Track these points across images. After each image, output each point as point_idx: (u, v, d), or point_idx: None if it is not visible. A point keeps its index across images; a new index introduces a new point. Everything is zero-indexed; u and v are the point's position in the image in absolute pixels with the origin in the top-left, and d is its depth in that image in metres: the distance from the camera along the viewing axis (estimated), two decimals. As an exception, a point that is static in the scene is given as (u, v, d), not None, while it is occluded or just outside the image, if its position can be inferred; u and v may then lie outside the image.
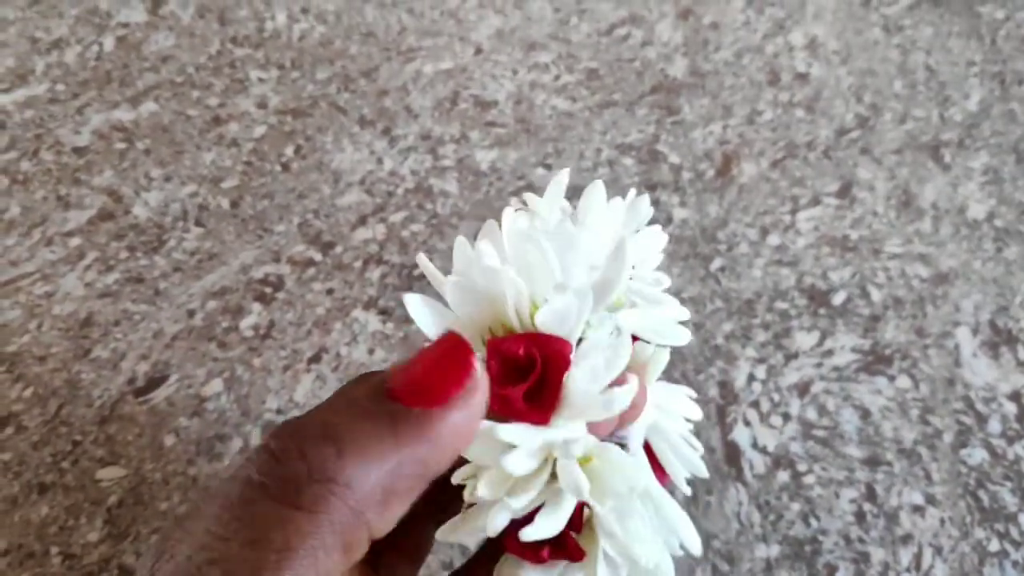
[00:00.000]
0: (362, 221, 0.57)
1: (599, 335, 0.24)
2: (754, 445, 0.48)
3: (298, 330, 0.52)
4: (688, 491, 0.27)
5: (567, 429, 0.22)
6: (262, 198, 0.58)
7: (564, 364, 0.22)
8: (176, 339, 0.52)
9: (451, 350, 0.21)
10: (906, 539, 0.46)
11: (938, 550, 0.45)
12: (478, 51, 0.66)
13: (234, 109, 0.62)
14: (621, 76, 0.65)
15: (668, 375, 0.50)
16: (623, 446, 0.25)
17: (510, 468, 0.21)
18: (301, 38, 0.67)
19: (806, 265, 0.55)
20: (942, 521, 0.46)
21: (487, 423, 0.22)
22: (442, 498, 0.25)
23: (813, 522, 0.46)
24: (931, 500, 0.47)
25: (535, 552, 0.24)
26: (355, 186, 0.58)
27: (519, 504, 0.22)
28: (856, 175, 0.60)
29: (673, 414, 0.27)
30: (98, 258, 0.55)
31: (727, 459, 0.48)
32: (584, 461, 0.23)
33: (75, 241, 0.56)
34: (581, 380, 0.22)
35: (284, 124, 0.62)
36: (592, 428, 0.23)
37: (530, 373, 0.22)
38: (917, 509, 0.47)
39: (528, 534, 0.22)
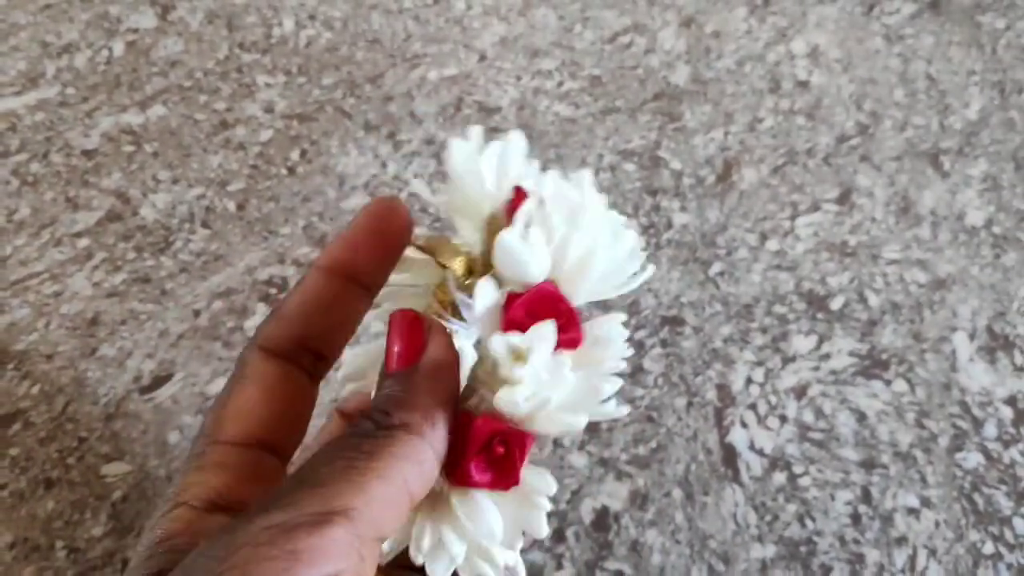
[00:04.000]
0: (366, 224, 0.57)
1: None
2: (751, 447, 0.49)
3: (302, 330, 0.53)
4: None
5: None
6: (268, 201, 0.59)
7: (525, 453, 0.26)
8: (182, 338, 0.53)
9: (406, 322, 0.27)
10: (901, 541, 0.46)
11: (932, 552, 0.46)
12: (482, 58, 0.67)
13: (241, 113, 0.63)
14: (624, 83, 0.66)
15: (666, 378, 0.51)
16: None
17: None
18: (308, 44, 0.68)
19: (805, 270, 0.56)
20: (937, 523, 0.47)
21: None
22: None
23: (809, 523, 0.47)
24: (926, 503, 0.47)
25: None
26: (359, 190, 0.59)
27: None
28: (856, 182, 0.60)
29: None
30: (106, 258, 0.56)
31: (724, 460, 0.48)
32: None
33: (83, 242, 0.56)
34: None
35: (290, 128, 0.63)
36: None
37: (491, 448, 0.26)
38: (912, 511, 0.47)
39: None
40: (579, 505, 0.47)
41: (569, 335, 0.27)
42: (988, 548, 0.46)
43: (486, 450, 0.26)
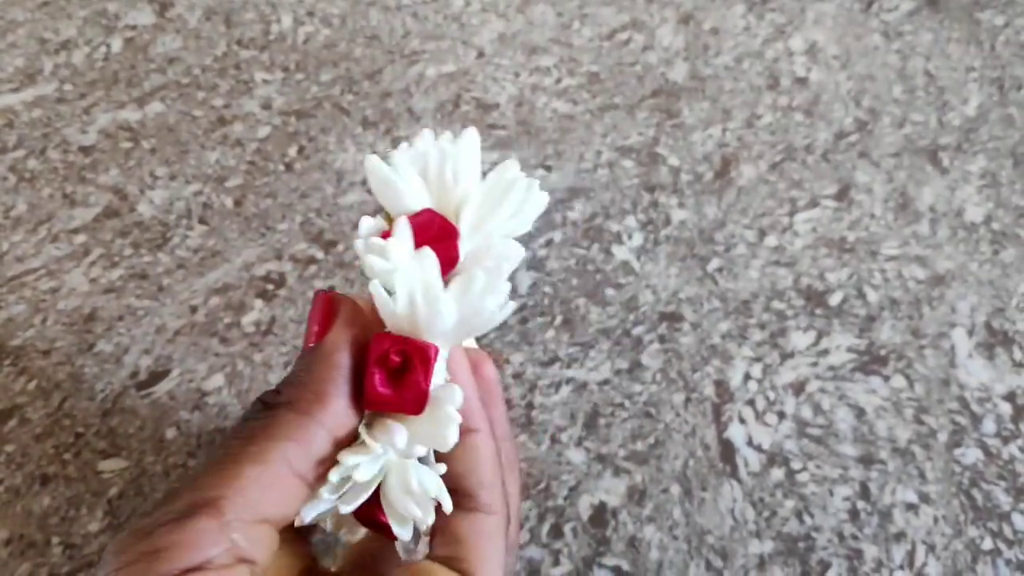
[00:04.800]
0: (364, 220, 0.57)
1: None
2: (749, 443, 0.49)
3: (299, 327, 0.53)
4: (407, 537, 0.28)
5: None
6: (265, 197, 0.59)
7: (429, 365, 0.27)
8: (179, 334, 0.52)
9: (324, 303, 0.28)
10: (899, 537, 0.46)
11: (931, 548, 0.46)
12: (480, 55, 0.67)
13: (239, 110, 0.63)
14: (622, 80, 0.66)
15: (664, 374, 0.51)
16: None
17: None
18: (306, 41, 0.68)
19: (803, 266, 0.56)
20: (935, 519, 0.47)
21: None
22: None
23: (807, 519, 0.46)
24: (925, 498, 0.47)
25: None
26: (357, 186, 0.59)
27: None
28: (854, 178, 0.60)
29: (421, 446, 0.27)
30: (103, 255, 0.56)
31: (722, 456, 0.48)
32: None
33: (80, 238, 0.56)
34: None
35: (288, 125, 0.62)
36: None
37: (399, 370, 0.27)
38: (911, 507, 0.47)
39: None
40: (576, 501, 0.47)
41: (446, 244, 0.28)
42: (987, 544, 0.46)
43: (383, 363, 0.26)
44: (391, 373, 0.26)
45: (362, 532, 0.31)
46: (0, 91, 0.64)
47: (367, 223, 0.29)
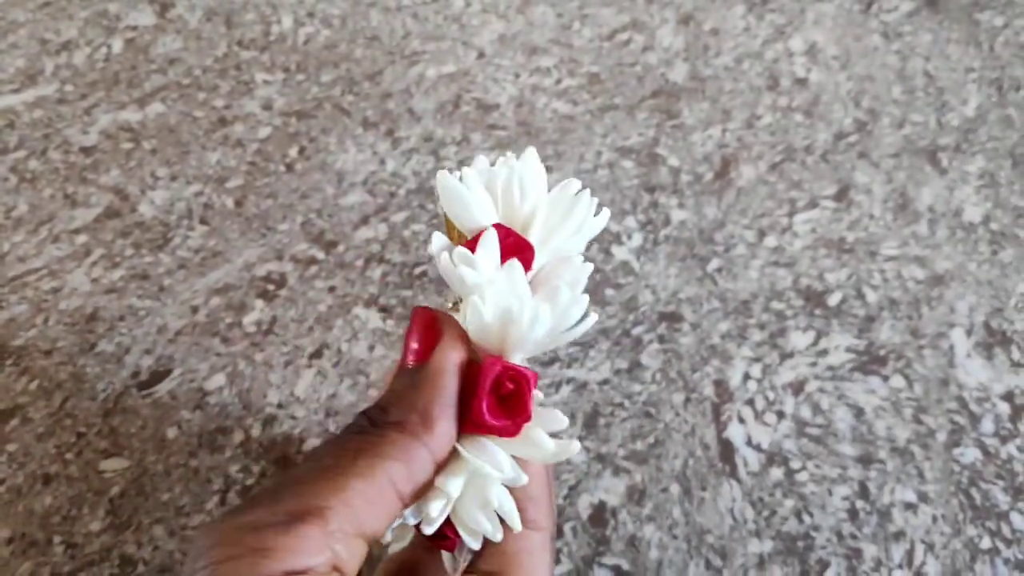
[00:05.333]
0: (364, 221, 0.58)
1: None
2: (748, 442, 0.49)
3: (300, 326, 0.53)
4: (477, 547, 0.29)
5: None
6: (266, 197, 0.59)
7: (531, 392, 0.27)
8: (180, 334, 0.53)
9: (426, 320, 0.28)
10: (898, 536, 0.46)
11: (930, 547, 0.46)
12: (481, 55, 0.67)
13: (240, 111, 0.63)
14: (622, 80, 0.66)
15: (664, 374, 0.51)
16: None
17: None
18: (306, 41, 0.68)
19: (802, 266, 0.56)
20: (934, 518, 0.47)
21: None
22: None
23: (806, 518, 0.47)
24: (924, 498, 0.47)
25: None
26: (358, 186, 0.59)
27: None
28: (853, 178, 0.60)
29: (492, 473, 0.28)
30: (104, 255, 0.56)
31: (721, 456, 0.49)
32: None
33: (82, 238, 0.56)
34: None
35: (288, 125, 0.63)
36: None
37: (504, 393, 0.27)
38: (909, 506, 0.47)
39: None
40: (576, 500, 0.47)
41: (521, 259, 0.28)
42: (985, 543, 0.46)
43: (496, 390, 0.27)
44: (497, 399, 0.27)
45: (406, 540, 0.31)
46: (1, 92, 0.64)
47: (440, 239, 0.29)
